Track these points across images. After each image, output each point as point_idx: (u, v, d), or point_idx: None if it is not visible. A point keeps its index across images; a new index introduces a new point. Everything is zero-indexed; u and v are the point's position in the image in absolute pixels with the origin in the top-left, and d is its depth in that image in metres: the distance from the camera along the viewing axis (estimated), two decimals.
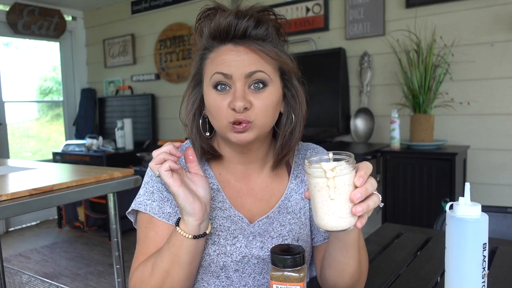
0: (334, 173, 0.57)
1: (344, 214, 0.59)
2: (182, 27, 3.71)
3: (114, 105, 4.28)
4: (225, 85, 0.75)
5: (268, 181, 0.86)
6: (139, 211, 0.83)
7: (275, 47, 0.77)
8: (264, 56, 0.75)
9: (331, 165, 0.57)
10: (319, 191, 0.58)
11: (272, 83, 0.76)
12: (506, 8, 2.24)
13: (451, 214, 0.67)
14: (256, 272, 0.81)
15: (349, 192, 0.58)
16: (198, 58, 0.81)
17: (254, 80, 0.74)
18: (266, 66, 0.75)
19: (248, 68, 0.74)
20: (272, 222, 0.83)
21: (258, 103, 0.74)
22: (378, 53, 2.69)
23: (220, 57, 0.75)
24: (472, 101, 2.38)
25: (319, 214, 0.60)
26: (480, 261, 0.65)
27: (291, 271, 0.62)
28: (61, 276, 2.87)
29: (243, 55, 0.74)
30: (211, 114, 0.77)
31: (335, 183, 0.57)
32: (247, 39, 0.75)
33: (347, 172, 0.58)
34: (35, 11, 4.04)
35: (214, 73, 0.75)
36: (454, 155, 2.10)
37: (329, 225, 0.59)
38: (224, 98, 0.74)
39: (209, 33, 0.77)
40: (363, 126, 2.75)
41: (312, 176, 0.59)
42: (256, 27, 0.75)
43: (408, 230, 1.24)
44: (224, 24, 0.74)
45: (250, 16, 0.74)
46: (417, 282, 0.88)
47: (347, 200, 0.58)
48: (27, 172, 1.79)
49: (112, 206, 1.76)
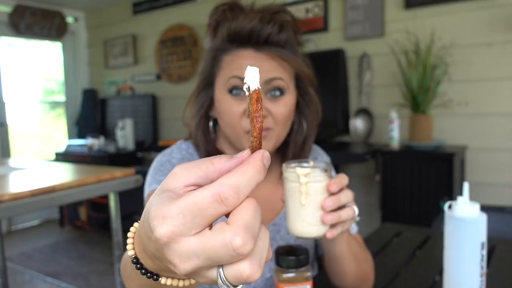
0: (307, 179, 0.57)
1: (313, 221, 0.58)
2: (183, 28, 3.72)
3: (115, 105, 4.29)
4: (242, 90, 0.71)
5: (272, 187, 0.84)
6: None
7: (294, 54, 0.74)
8: (283, 63, 0.73)
9: (304, 170, 0.57)
10: (292, 195, 0.59)
11: (289, 91, 0.74)
12: (504, 10, 2.26)
13: (449, 214, 0.68)
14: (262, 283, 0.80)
15: (321, 201, 0.58)
16: (211, 59, 0.77)
17: (272, 87, 0.72)
18: (284, 74, 0.73)
19: (267, 75, 0.71)
20: (279, 230, 0.81)
21: (276, 111, 0.72)
22: (377, 53, 2.71)
23: (239, 61, 0.72)
24: (471, 101, 2.39)
25: (290, 219, 0.60)
26: (478, 260, 0.66)
27: (300, 271, 0.62)
28: (62, 275, 2.88)
29: (264, 61, 0.71)
30: (223, 120, 0.74)
31: (307, 189, 0.57)
32: (268, 45, 0.72)
33: (320, 180, 0.58)
34: (37, 12, 4.05)
35: (232, 76, 0.72)
36: (452, 155, 2.11)
37: (297, 231, 0.59)
38: (240, 104, 0.71)
39: (228, 35, 0.73)
40: (363, 126, 2.76)
41: (287, 180, 0.59)
42: (279, 33, 0.72)
43: (407, 230, 1.24)
44: (247, 28, 0.71)
45: (274, 22, 0.71)
46: (416, 281, 0.89)
47: (318, 208, 0.58)
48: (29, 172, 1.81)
49: (113, 205, 1.77)
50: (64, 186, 1.52)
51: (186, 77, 3.76)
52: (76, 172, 1.82)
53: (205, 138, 0.79)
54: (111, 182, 1.66)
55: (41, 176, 1.70)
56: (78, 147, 3.84)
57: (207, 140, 0.79)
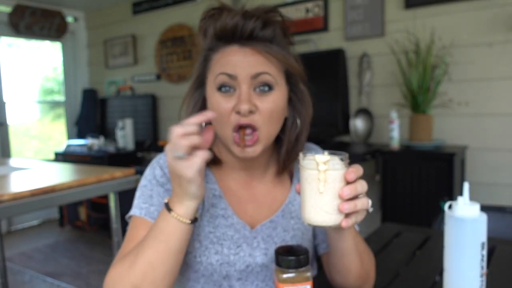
0: (326, 166, 0.57)
1: (330, 209, 0.58)
2: (183, 27, 3.72)
3: (115, 105, 4.29)
4: (230, 87, 0.72)
5: (270, 186, 0.84)
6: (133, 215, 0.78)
7: (281, 49, 0.74)
8: (270, 58, 0.72)
9: (324, 158, 0.58)
10: (310, 183, 0.59)
11: (278, 87, 0.74)
12: (504, 9, 2.26)
13: (450, 214, 0.68)
14: (259, 279, 0.80)
15: (339, 189, 0.58)
16: (202, 59, 0.78)
17: (259, 82, 0.72)
18: (272, 69, 0.73)
19: (254, 69, 0.71)
20: (275, 227, 0.81)
21: (264, 106, 0.72)
22: (377, 53, 2.71)
23: (226, 58, 0.73)
24: (471, 101, 2.39)
25: (306, 208, 0.60)
26: (478, 260, 0.66)
27: (300, 272, 0.62)
28: (62, 275, 2.88)
29: (250, 57, 0.72)
30: (215, 118, 0.73)
31: (325, 177, 0.58)
32: (253, 41, 0.72)
33: (339, 168, 0.58)
34: (37, 12, 4.05)
35: (219, 73, 0.72)
36: (452, 155, 2.11)
37: (314, 220, 0.60)
38: (228, 100, 0.72)
39: (214, 33, 0.74)
40: (363, 126, 2.76)
41: (305, 168, 0.59)
42: (263, 28, 0.72)
43: (407, 230, 1.24)
44: (230, 24, 0.71)
45: (257, 17, 0.71)
46: (416, 281, 0.89)
47: (336, 196, 0.58)
48: (29, 172, 1.80)
49: (113, 205, 1.77)
50: (64, 186, 1.52)
51: (186, 77, 3.75)
52: (76, 172, 1.82)
53: None
54: (111, 182, 1.66)
55: (41, 176, 1.70)
56: (78, 147, 3.84)
57: None
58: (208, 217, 0.79)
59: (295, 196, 0.85)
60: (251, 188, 0.84)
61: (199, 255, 0.78)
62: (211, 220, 0.79)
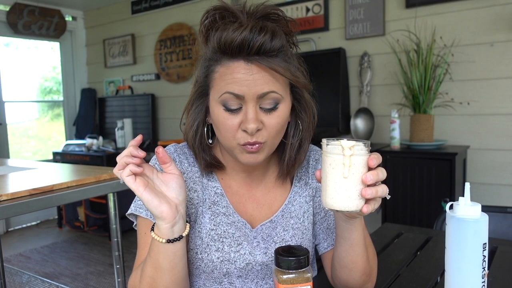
0: (352, 151, 0.58)
1: (353, 194, 0.59)
2: (182, 27, 3.71)
3: (114, 105, 4.28)
4: (236, 105, 0.71)
5: (270, 186, 0.85)
6: (138, 216, 0.79)
7: (287, 61, 0.72)
8: (277, 75, 0.70)
9: (349, 143, 0.58)
10: (334, 168, 0.59)
11: (283, 101, 0.73)
12: (506, 8, 2.25)
13: (451, 214, 0.68)
14: (259, 277, 0.81)
15: (362, 174, 0.59)
16: (204, 69, 0.76)
17: (266, 100, 0.71)
18: (278, 86, 0.71)
19: (261, 89, 0.69)
20: (275, 227, 0.82)
21: (270, 123, 0.71)
22: (378, 53, 2.70)
23: (231, 75, 0.70)
24: (472, 101, 2.38)
25: (329, 193, 0.60)
26: (480, 261, 0.65)
27: (300, 272, 0.62)
28: (61, 276, 2.87)
29: (256, 74, 0.69)
30: (218, 130, 0.73)
31: (350, 162, 0.58)
32: (260, 56, 0.69)
33: (363, 154, 0.59)
34: (35, 11, 4.04)
35: (225, 92, 0.70)
36: (454, 155, 2.10)
37: (337, 205, 0.60)
38: (235, 117, 0.71)
39: (218, 46, 0.71)
40: (363, 126, 2.75)
41: (329, 153, 0.60)
42: (271, 41, 0.69)
43: (408, 230, 1.24)
44: (238, 40, 0.67)
45: (266, 31, 0.68)
46: (417, 282, 0.88)
47: (359, 182, 0.59)
48: (27, 172, 1.79)
49: (112, 206, 1.76)
50: (63, 186, 1.51)
51: (185, 77, 3.75)
52: (75, 172, 1.81)
53: (202, 146, 0.80)
54: (110, 182, 1.65)
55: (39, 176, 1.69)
56: (76, 146, 3.84)
57: (204, 149, 0.80)
58: (210, 214, 0.80)
59: (295, 196, 0.85)
60: (251, 188, 0.84)
61: (200, 252, 0.78)
62: (212, 217, 0.80)
